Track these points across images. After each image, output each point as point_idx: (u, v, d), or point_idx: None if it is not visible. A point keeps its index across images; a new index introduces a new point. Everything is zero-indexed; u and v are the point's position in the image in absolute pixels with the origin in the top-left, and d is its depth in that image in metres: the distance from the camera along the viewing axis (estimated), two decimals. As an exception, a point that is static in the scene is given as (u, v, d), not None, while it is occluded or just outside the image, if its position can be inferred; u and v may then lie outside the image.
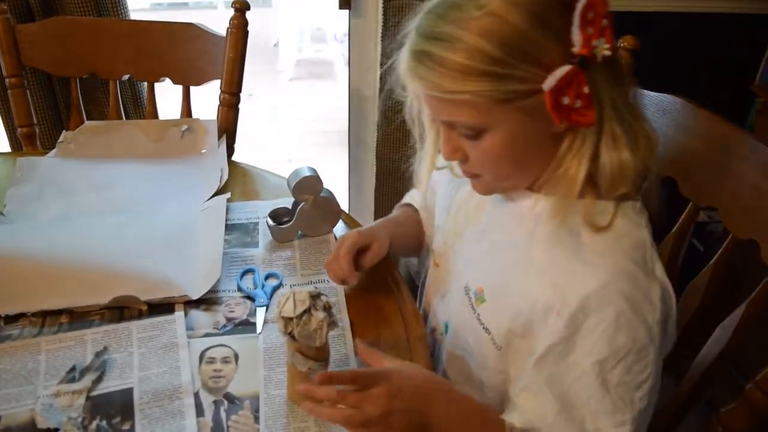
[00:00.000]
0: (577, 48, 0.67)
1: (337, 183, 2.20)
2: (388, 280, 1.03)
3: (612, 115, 0.71)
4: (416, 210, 1.12)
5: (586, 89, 0.68)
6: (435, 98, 0.73)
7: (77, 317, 0.94)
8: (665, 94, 1.05)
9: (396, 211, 1.15)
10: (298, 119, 3.90)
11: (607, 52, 0.68)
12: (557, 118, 0.68)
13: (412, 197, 1.15)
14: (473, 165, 0.79)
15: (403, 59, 0.75)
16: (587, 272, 0.73)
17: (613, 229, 0.75)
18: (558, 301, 0.74)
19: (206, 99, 1.58)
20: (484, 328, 0.84)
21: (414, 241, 1.11)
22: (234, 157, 1.44)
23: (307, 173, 1.06)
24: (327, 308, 0.79)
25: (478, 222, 0.90)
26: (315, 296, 0.79)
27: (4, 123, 1.76)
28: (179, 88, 1.48)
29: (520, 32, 0.66)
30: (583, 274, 0.73)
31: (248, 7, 1.37)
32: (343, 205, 2.16)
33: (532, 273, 0.78)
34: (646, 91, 1.08)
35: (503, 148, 0.75)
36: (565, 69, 0.67)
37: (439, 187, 1.04)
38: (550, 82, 0.66)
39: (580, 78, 0.67)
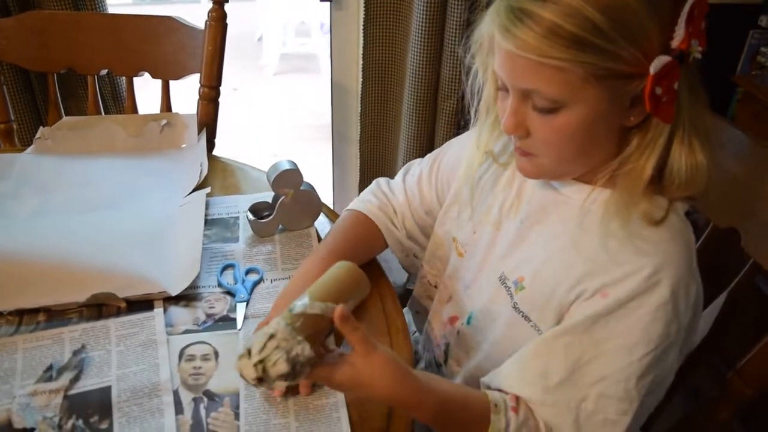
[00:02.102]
0: (677, 42, 0.67)
1: (322, 177, 2.21)
2: (368, 271, 1.02)
3: (687, 120, 0.71)
4: (358, 219, 1.06)
5: (676, 85, 0.67)
6: (524, 62, 0.69)
7: (55, 315, 0.93)
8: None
9: (337, 227, 1.06)
10: (283, 113, 3.89)
11: (698, 55, 0.68)
12: (650, 106, 0.67)
13: (368, 197, 1.09)
14: (535, 143, 0.76)
15: (491, 16, 0.71)
16: (639, 259, 0.73)
17: (668, 225, 0.75)
18: (606, 284, 0.74)
19: (188, 93, 1.57)
20: (524, 316, 0.83)
21: (361, 254, 1.01)
22: (218, 152, 1.42)
23: (287, 167, 1.05)
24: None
25: (518, 212, 0.88)
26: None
27: (-19, 119, 1.73)
28: (160, 82, 1.46)
29: (632, 10, 0.65)
30: (635, 261, 0.73)
31: None
32: (328, 199, 2.16)
33: (579, 262, 0.77)
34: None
35: (575, 129, 0.72)
36: (667, 58, 0.66)
37: (453, 177, 0.99)
38: (657, 65, 0.65)
39: (676, 72, 0.67)
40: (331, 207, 1.56)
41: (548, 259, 0.82)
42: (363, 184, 1.95)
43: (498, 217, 0.91)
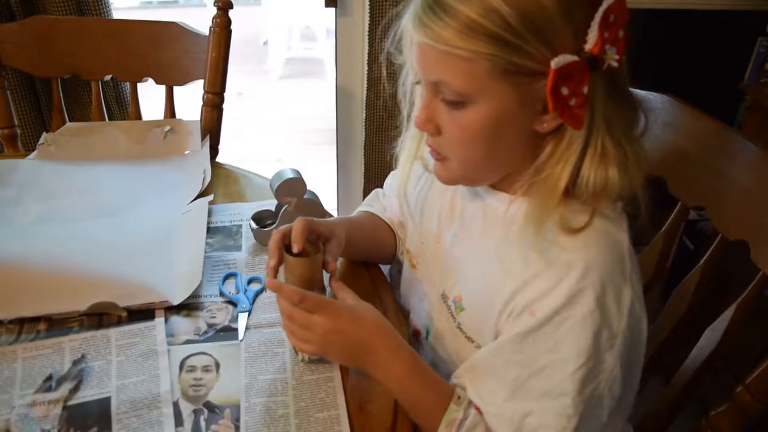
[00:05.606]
0: (589, 45, 0.65)
1: (326, 182, 2.20)
2: (369, 279, 1.02)
3: (603, 129, 0.69)
4: (375, 215, 1.08)
5: (585, 89, 0.66)
6: (432, 52, 0.68)
7: (55, 324, 0.92)
8: (653, 92, 1.03)
9: (354, 215, 1.10)
10: (288, 118, 3.89)
11: (614, 63, 0.66)
12: (551, 103, 0.65)
13: (370, 203, 1.11)
14: (444, 142, 0.75)
15: (410, 11, 0.71)
16: (558, 271, 0.71)
17: (591, 228, 0.72)
18: (532, 301, 0.72)
19: (192, 99, 1.57)
20: (466, 337, 0.83)
21: (371, 247, 1.05)
22: (222, 157, 1.42)
23: (290, 175, 1.04)
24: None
25: (453, 225, 0.88)
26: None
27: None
28: (164, 88, 1.45)
29: (543, 9, 0.64)
30: (556, 274, 0.71)
31: (231, 6, 1.35)
32: (332, 204, 2.16)
33: (507, 280, 0.75)
34: (633, 90, 1.07)
35: (482, 127, 0.71)
36: (572, 58, 0.65)
37: (410, 182, 0.98)
38: (559, 61, 0.64)
39: (584, 74, 0.65)
40: (335, 214, 1.55)
41: (481, 278, 0.81)
42: (367, 190, 1.94)
43: (438, 228, 0.90)
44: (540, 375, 0.72)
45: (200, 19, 1.50)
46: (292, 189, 1.05)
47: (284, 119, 3.88)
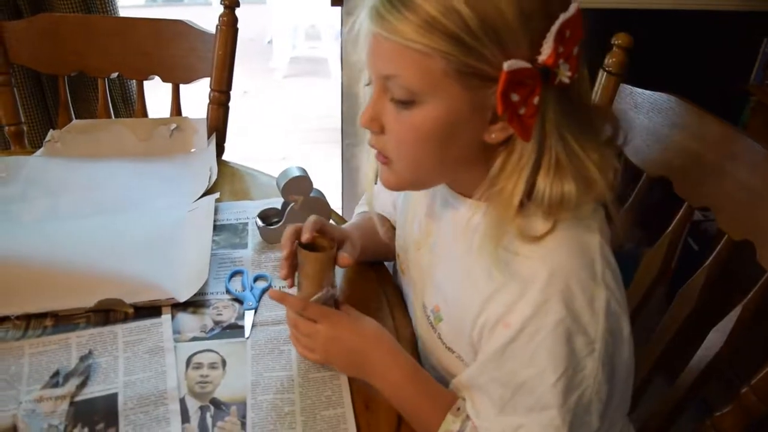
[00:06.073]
0: (543, 57, 0.65)
1: (331, 181, 2.20)
2: (380, 290, 1.01)
3: (557, 143, 0.68)
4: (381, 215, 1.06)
5: (535, 100, 0.65)
6: (387, 44, 0.67)
7: (62, 320, 0.93)
8: (660, 93, 1.03)
9: (356, 218, 1.09)
10: (293, 117, 3.89)
11: (566, 80, 0.66)
12: (501, 107, 0.64)
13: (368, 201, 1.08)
14: (388, 142, 0.74)
15: (368, 4, 0.69)
16: (523, 283, 0.70)
17: (555, 234, 0.71)
18: (504, 313, 0.71)
19: (198, 97, 1.57)
20: (447, 347, 0.82)
21: (381, 247, 1.03)
22: (227, 155, 1.42)
23: (297, 173, 1.04)
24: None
25: (431, 232, 0.86)
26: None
27: (-9, 121, 1.74)
28: (170, 85, 1.46)
29: (502, 15, 0.64)
30: (521, 285, 0.70)
31: (238, 4, 1.35)
32: (336, 203, 2.16)
33: (474, 290, 0.74)
34: (640, 90, 1.07)
35: (431, 129, 0.69)
36: (525, 64, 0.64)
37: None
38: (512, 65, 0.63)
39: (535, 84, 0.65)
40: (340, 213, 1.55)
41: (454, 288, 0.80)
42: (372, 189, 1.94)
43: (418, 235, 0.89)
44: (522, 391, 0.70)
45: (205, 17, 1.50)
46: (298, 187, 1.05)
47: (289, 118, 3.88)
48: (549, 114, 0.67)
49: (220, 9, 1.35)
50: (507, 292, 0.71)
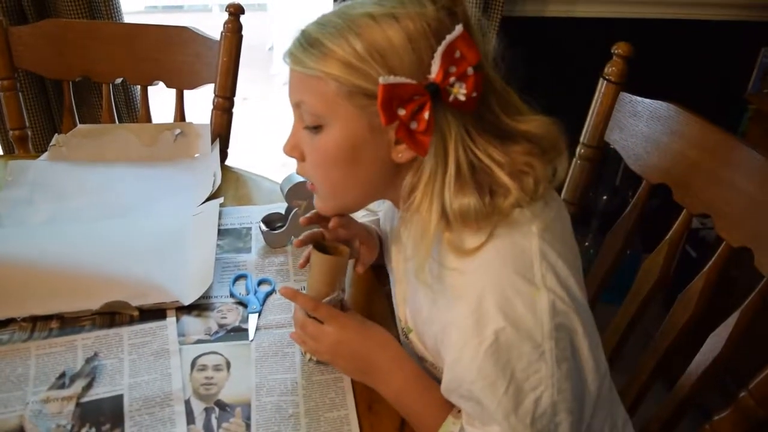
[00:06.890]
0: (432, 75, 0.68)
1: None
2: (385, 295, 1.02)
3: (460, 159, 0.70)
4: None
5: (426, 115, 0.68)
6: (294, 76, 0.75)
7: (68, 323, 0.94)
8: (660, 101, 1.05)
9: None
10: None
11: (461, 98, 0.68)
12: (384, 119, 0.68)
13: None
14: (307, 167, 0.80)
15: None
16: (461, 300, 0.71)
17: (490, 243, 0.72)
18: (444, 331, 0.73)
19: (201, 103, 1.58)
20: (419, 357, 0.85)
21: None
22: (228, 161, 1.43)
23: (300, 179, 1.05)
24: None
25: (400, 249, 0.89)
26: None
27: (-4, 126, 1.75)
28: (174, 91, 1.47)
29: (389, 41, 0.68)
30: (457, 303, 0.71)
31: (242, 11, 1.37)
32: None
33: (422, 307, 0.79)
34: (640, 98, 1.08)
35: (337, 151, 0.75)
36: (409, 80, 0.67)
37: None
38: (387, 79, 0.67)
39: (424, 101, 0.68)
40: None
41: (412, 302, 0.83)
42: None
43: (391, 244, 0.93)
44: (482, 405, 0.71)
45: (205, 24, 1.51)
46: (302, 192, 1.06)
47: (289, 124, 3.88)
48: (450, 129, 0.70)
49: (220, 16, 1.36)
50: (445, 310, 0.74)
